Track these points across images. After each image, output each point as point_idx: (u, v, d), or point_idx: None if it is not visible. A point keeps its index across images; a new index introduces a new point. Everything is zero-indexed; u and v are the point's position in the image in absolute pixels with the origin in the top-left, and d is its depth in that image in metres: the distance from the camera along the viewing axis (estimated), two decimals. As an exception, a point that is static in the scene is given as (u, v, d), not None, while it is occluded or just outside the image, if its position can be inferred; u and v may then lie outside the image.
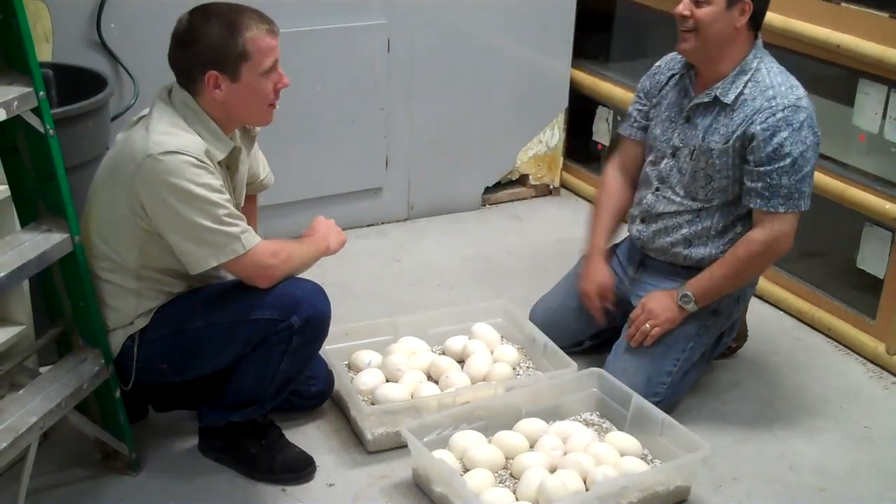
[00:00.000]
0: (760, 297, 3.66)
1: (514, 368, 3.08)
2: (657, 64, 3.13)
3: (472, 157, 4.36)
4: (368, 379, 2.95)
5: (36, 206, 2.38)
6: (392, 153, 4.15)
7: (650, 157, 3.07)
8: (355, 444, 2.84)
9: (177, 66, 2.48)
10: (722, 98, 2.85)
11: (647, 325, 2.93)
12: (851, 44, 3.25)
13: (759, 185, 2.80)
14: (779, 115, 2.76)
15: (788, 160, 2.76)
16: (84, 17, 3.37)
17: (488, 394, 2.89)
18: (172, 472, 2.70)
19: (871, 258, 3.36)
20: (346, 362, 3.07)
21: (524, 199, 4.58)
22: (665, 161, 3.00)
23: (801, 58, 3.48)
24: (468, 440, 2.69)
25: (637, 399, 2.81)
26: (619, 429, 2.84)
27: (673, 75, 3.04)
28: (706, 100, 2.88)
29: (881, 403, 3.16)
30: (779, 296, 3.66)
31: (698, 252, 2.97)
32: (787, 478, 2.80)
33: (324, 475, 2.72)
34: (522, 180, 4.59)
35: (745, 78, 2.84)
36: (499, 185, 4.54)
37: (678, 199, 2.98)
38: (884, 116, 3.24)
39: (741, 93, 2.83)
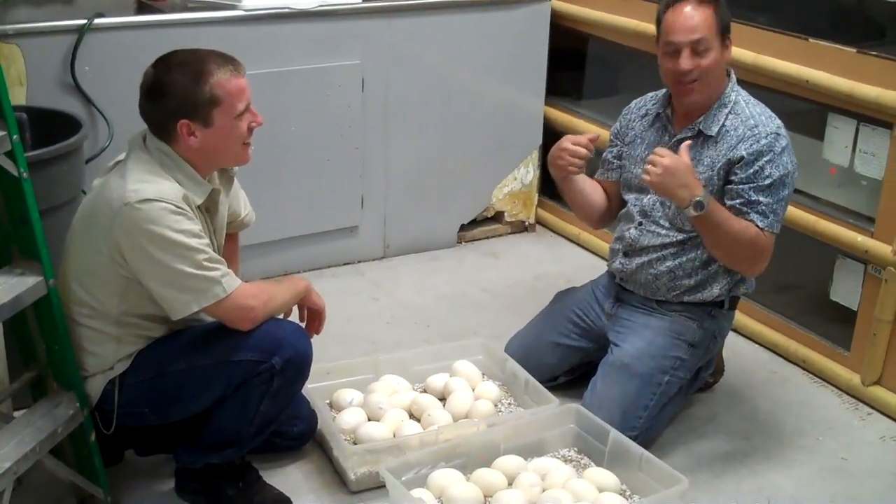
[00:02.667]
0: (735, 331, 3.67)
1: (496, 405, 3.07)
2: (628, 107, 3.18)
3: (448, 195, 4.38)
4: (350, 418, 2.94)
5: (9, 249, 2.37)
6: (367, 192, 4.16)
7: (631, 195, 3.10)
8: (338, 483, 2.82)
9: (148, 118, 2.49)
10: (706, 131, 2.90)
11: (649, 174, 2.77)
12: (820, 79, 3.29)
13: (738, 201, 2.84)
14: (762, 142, 2.82)
15: (768, 181, 2.81)
16: (58, 60, 3.37)
17: (471, 431, 2.89)
18: (149, 515, 2.68)
19: (844, 290, 3.39)
20: (328, 401, 3.06)
21: (500, 235, 4.60)
22: (648, 196, 3.03)
23: (771, 93, 3.52)
24: (447, 478, 2.68)
25: (615, 434, 2.81)
26: (598, 464, 2.84)
27: (646, 115, 3.08)
28: (690, 134, 2.92)
29: (857, 435, 3.17)
30: (754, 329, 3.68)
31: (682, 283, 2.99)
32: (766, 511, 2.81)
33: (303, 516, 2.70)
34: (498, 217, 4.60)
35: (726, 110, 2.90)
36: (474, 223, 4.56)
37: (663, 232, 3.00)
38: (853, 150, 3.27)
39: (723, 125, 2.89)
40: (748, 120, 2.87)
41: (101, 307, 2.48)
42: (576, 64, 4.63)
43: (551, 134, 4.51)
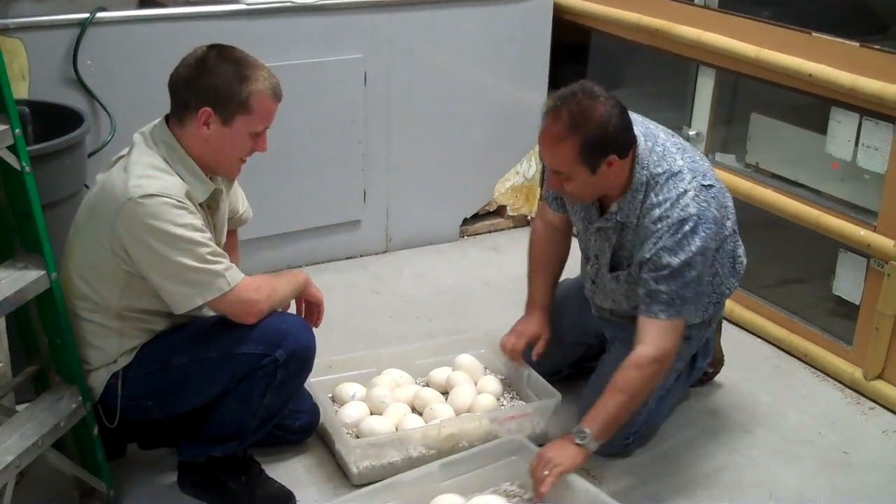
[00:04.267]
0: (738, 325, 3.68)
1: (499, 399, 3.08)
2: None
3: (450, 189, 4.38)
4: (353, 412, 2.94)
5: (12, 243, 2.37)
6: (370, 186, 4.16)
7: (578, 238, 3.04)
8: (340, 477, 2.83)
9: (176, 90, 2.48)
10: (624, 221, 2.78)
11: (546, 472, 2.61)
12: (823, 73, 3.28)
13: (642, 291, 2.73)
14: (665, 238, 2.66)
15: (667, 270, 2.66)
16: (60, 54, 3.37)
17: (473, 425, 2.89)
18: (152, 509, 2.69)
19: (847, 284, 3.39)
20: (331, 395, 3.06)
21: (502, 229, 4.60)
22: (591, 264, 2.98)
23: (774, 87, 3.52)
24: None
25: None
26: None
27: None
28: (609, 224, 2.82)
29: (860, 429, 3.17)
30: (756, 323, 3.68)
31: None
32: (768, 505, 2.81)
33: (306, 509, 2.71)
34: (500, 211, 4.60)
35: (640, 195, 2.73)
36: (476, 217, 4.56)
37: (612, 299, 2.97)
38: (856, 144, 3.26)
39: (641, 209, 2.74)
40: (653, 210, 2.68)
41: (102, 301, 2.49)
42: (578, 57, 4.62)
43: (554, 128, 4.51)
